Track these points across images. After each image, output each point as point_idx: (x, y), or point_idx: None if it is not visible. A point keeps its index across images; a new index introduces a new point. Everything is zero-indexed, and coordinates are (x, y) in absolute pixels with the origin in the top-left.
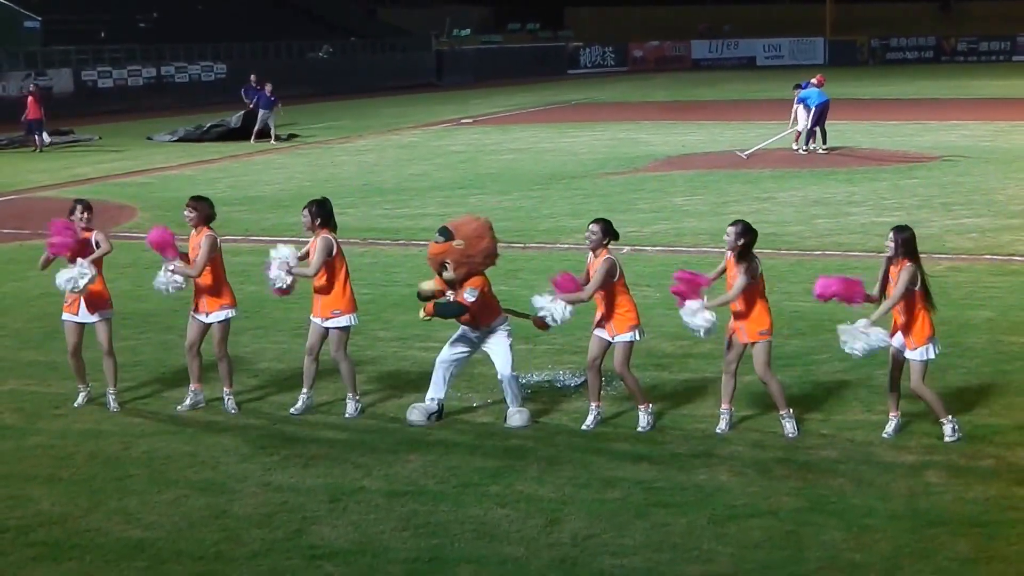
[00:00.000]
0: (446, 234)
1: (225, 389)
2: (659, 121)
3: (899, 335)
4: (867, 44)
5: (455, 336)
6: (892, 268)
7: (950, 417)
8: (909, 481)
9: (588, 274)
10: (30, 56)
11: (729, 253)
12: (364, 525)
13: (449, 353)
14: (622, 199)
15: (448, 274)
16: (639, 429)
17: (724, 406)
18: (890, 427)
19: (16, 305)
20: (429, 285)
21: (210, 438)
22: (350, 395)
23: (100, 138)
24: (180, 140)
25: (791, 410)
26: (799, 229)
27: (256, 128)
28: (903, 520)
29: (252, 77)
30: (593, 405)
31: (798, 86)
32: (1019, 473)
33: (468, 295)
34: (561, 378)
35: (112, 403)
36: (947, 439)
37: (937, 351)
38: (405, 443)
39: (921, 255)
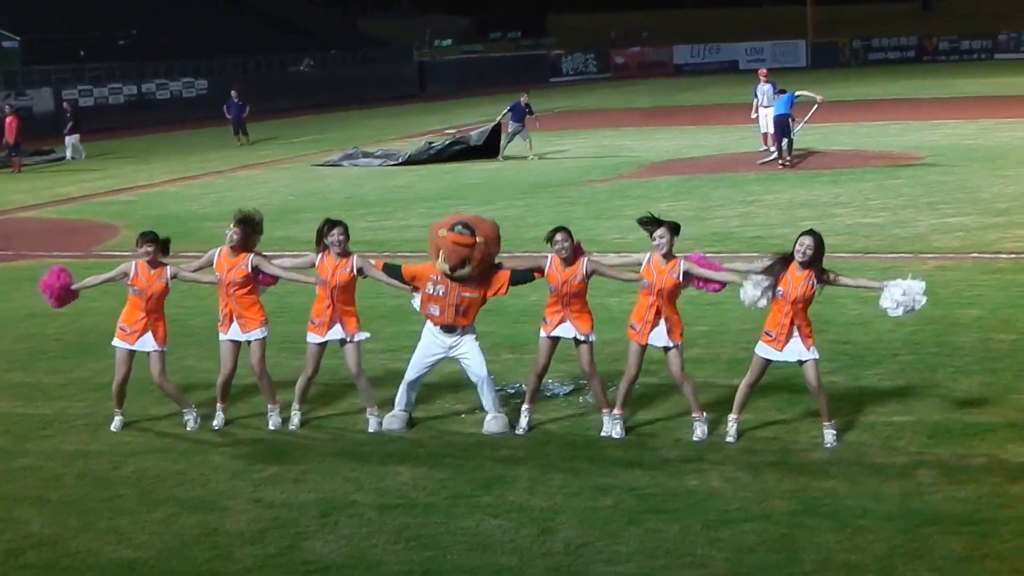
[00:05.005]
0: (471, 230)
1: (269, 405)
2: (642, 127)
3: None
4: (849, 45)
5: (423, 352)
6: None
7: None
8: (901, 481)
9: (559, 283)
10: (9, 76)
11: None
12: (356, 539)
13: (417, 372)
14: (607, 206)
15: (465, 271)
16: (603, 434)
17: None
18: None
19: (1, 326)
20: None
21: (199, 456)
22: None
23: (83, 157)
24: (406, 163)
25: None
26: (785, 232)
27: (506, 142)
28: (897, 520)
29: (233, 92)
30: (527, 407)
31: (782, 91)
32: (1011, 471)
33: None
34: (551, 386)
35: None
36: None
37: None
38: (395, 456)
39: (908, 255)
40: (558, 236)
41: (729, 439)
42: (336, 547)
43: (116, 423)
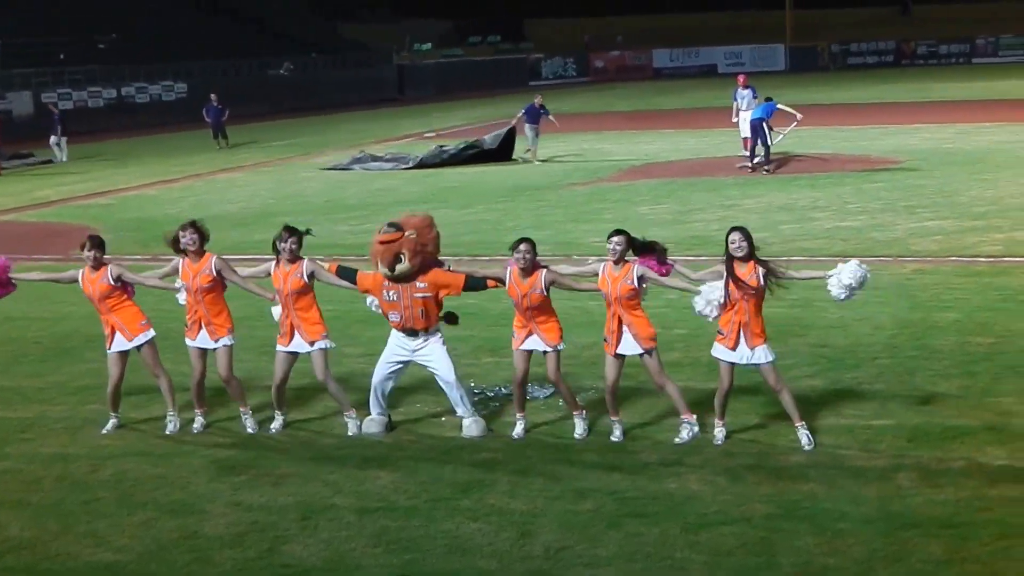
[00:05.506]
0: (396, 226)
1: (241, 409)
2: (622, 131)
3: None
4: (828, 49)
5: (387, 355)
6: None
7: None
8: (880, 485)
9: (519, 296)
10: None
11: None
12: (336, 543)
13: (380, 376)
14: (586, 209)
15: (403, 265)
16: (576, 436)
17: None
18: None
19: None
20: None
21: (178, 459)
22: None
23: (64, 159)
24: (418, 167)
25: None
26: (764, 235)
27: (531, 148)
28: (875, 524)
29: (213, 96)
30: (520, 415)
31: (768, 99)
32: (990, 474)
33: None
34: (530, 390)
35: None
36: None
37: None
38: (375, 460)
39: (886, 258)
40: (522, 246)
41: (716, 442)
42: (315, 551)
43: (110, 425)
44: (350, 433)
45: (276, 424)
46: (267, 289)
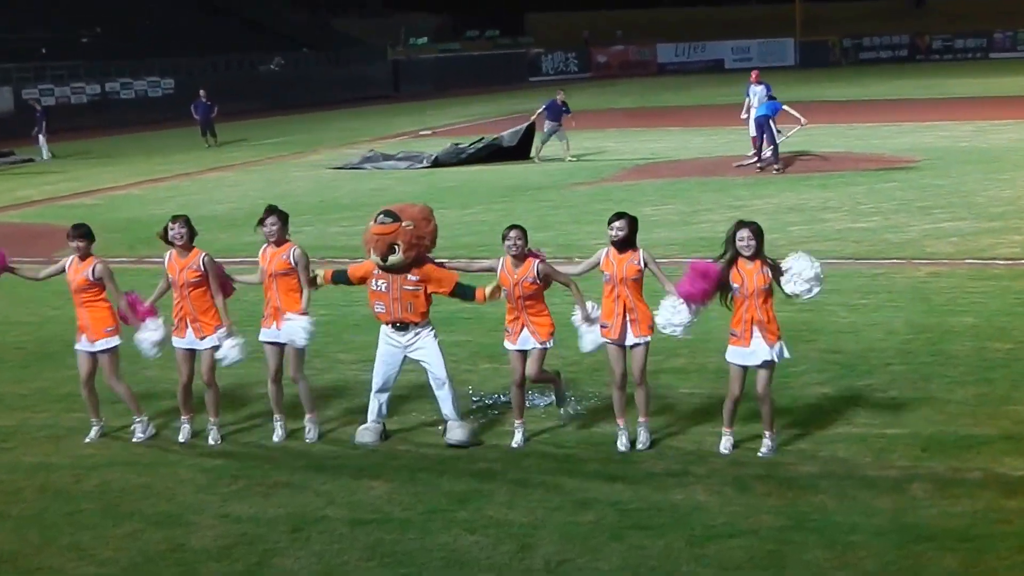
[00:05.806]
0: (393, 216)
1: (211, 419)
2: (625, 129)
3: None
4: (839, 44)
5: (382, 355)
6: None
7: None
8: (894, 496)
9: (511, 285)
10: None
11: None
12: (328, 556)
13: (382, 378)
14: (589, 209)
15: (396, 257)
16: (562, 420)
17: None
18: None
19: None
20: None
21: (165, 468)
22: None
23: (46, 159)
24: (434, 165)
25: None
26: (773, 237)
27: (541, 143)
28: (888, 536)
29: (201, 92)
30: (519, 423)
31: (772, 97)
32: (1007, 485)
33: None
34: (530, 397)
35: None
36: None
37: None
38: (368, 469)
39: (900, 260)
40: (512, 233)
41: (724, 451)
42: (306, 564)
43: (93, 433)
44: (308, 437)
45: (278, 434)
46: (229, 316)
